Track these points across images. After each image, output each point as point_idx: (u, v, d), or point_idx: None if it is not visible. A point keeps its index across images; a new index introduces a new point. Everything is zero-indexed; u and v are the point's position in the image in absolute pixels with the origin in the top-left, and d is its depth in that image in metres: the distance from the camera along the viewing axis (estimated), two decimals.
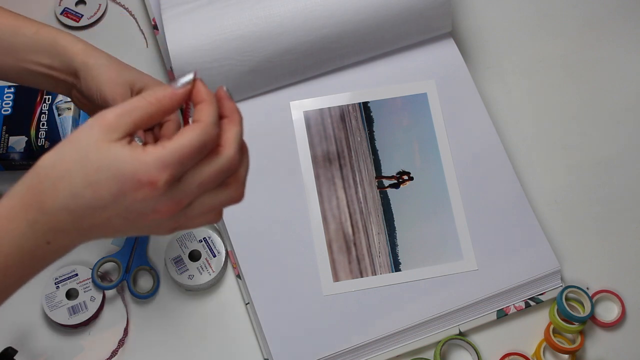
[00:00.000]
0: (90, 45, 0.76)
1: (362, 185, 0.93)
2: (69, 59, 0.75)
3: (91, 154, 0.52)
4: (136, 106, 0.53)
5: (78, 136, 0.53)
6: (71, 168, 0.52)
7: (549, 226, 0.93)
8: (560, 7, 1.08)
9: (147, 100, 0.54)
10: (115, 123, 0.52)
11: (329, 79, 0.97)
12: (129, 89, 0.74)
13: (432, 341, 0.87)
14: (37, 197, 0.53)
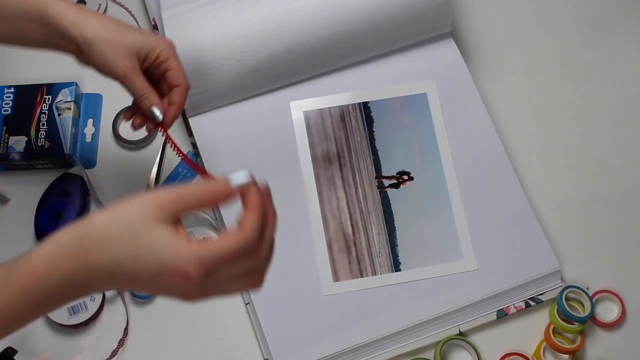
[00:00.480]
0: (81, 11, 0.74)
1: (362, 185, 0.93)
2: (64, 30, 0.74)
3: (140, 230, 0.55)
4: (191, 194, 0.57)
5: (132, 208, 0.56)
6: (120, 237, 0.55)
7: (549, 226, 0.93)
8: (560, 7, 1.08)
9: (202, 190, 0.57)
10: (168, 205, 0.56)
11: (329, 79, 0.97)
12: (136, 59, 0.76)
13: (432, 341, 0.87)
14: (83, 253, 0.56)
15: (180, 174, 0.96)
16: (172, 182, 0.96)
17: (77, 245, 0.56)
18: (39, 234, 0.91)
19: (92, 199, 0.94)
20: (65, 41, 0.75)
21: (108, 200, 0.94)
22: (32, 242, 0.92)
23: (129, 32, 0.76)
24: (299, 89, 0.96)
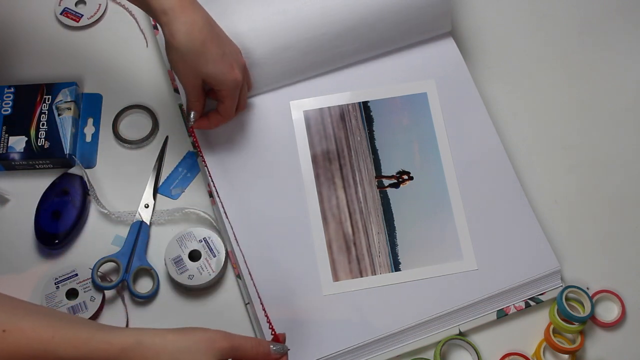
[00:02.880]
0: (181, 11, 0.80)
1: (362, 185, 0.93)
2: (157, 19, 0.82)
3: (199, 357, 0.68)
4: (242, 347, 0.71)
5: (201, 339, 0.69)
6: (184, 354, 0.68)
7: (549, 226, 0.93)
8: (561, 7, 1.08)
9: (250, 345, 0.71)
10: (225, 352, 0.69)
11: (329, 78, 0.97)
12: (201, 80, 0.85)
13: (432, 341, 0.87)
14: (152, 358, 0.67)
15: (180, 173, 0.96)
16: (172, 182, 0.96)
17: (150, 349, 0.67)
18: (39, 234, 0.91)
19: (92, 199, 0.94)
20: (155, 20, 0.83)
21: (108, 200, 0.95)
22: (32, 242, 0.92)
23: (206, 59, 0.83)
24: (299, 89, 0.96)
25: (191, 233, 0.91)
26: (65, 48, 1.03)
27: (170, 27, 0.80)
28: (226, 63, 0.84)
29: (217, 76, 0.84)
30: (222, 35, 0.86)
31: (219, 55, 0.83)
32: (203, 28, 0.81)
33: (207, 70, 0.83)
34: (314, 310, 0.87)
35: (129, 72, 1.02)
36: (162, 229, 0.93)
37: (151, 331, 0.69)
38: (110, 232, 0.93)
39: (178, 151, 0.98)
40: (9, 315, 0.67)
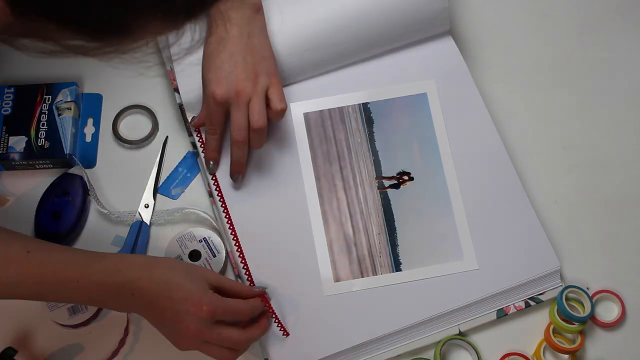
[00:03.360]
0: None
1: (363, 186, 0.93)
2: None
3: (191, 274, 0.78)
4: (227, 281, 0.81)
5: (194, 265, 0.82)
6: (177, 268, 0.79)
7: (549, 226, 0.93)
8: (561, 6, 1.08)
9: (233, 282, 0.83)
10: (215, 281, 0.79)
11: (329, 79, 0.97)
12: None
13: (432, 341, 0.87)
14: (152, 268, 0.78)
15: (180, 173, 0.96)
16: (172, 182, 0.96)
17: (147, 262, 0.79)
18: (39, 234, 0.91)
19: (92, 199, 0.94)
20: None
21: (108, 200, 0.94)
22: None
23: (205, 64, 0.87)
24: (299, 90, 0.96)
25: (191, 233, 0.91)
26: None
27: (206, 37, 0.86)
28: (216, 76, 0.86)
29: (204, 83, 0.87)
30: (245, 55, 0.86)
31: (216, 66, 0.85)
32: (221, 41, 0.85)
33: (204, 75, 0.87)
34: (315, 310, 0.87)
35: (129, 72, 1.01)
36: (162, 229, 0.93)
37: (157, 256, 0.82)
38: (110, 232, 0.93)
39: (178, 151, 0.98)
40: (30, 241, 0.79)
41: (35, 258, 0.76)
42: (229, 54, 0.85)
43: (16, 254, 0.76)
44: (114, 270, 0.76)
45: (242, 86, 0.85)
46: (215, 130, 0.89)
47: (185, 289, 0.76)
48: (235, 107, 0.86)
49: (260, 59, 0.87)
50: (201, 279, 0.78)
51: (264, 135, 0.87)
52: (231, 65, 0.85)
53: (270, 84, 0.87)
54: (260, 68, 0.87)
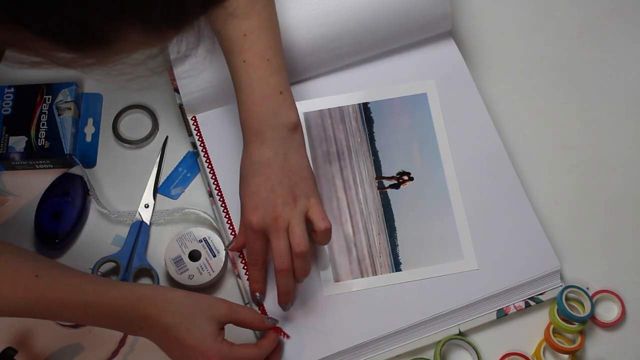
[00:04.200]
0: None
1: (363, 186, 0.93)
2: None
3: (200, 314, 0.77)
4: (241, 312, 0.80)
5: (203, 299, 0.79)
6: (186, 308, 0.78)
7: (549, 226, 0.93)
8: (561, 7, 1.08)
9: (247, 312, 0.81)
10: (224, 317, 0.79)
11: (329, 79, 0.97)
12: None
13: (432, 341, 0.87)
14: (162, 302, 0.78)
15: (180, 173, 0.96)
16: (172, 182, 0.96)
17: (162, 299, 0.77)
18: (39, 234, 0.91)
19: (92, 199, 0.94)
20: None
21: (108, 200, 0.94)
22: (33, 242, 0.92)
23: (242, 186, 0.84)
24: (299, 90, 0.96)
25: (191, 233, 0.91)
26: None
27: (242, 150, 0.84)
28: (252, 202, 0.81)
29: (241, 208, 0.83)
30: (282, 178, 0.82)
31: (252, 192, 0.81)
32: (256, 162, 0.81)
33: (240, 199, 0.83)
34: (315, 310, 0.87)
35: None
36: (162, 229, 0.93)
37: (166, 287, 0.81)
38: (110, 232, 0.93)
39: (178, 151, 0.98)
40: (39, 263, 0.78)
41: (43, 282, 0.76)
42: (265, 178, 0.81)
43: (25, 277, 0.76)
44: (122, 305, 0.76)
45: (279, 212, 0.80)
46: (257, 261, 0.84)
47: (195, 336, 0.76)
48: (274, 234, 0.81)
49: (297, 180, 0.82)
50: (212, 320, 0.77)
51: (309, 261, 0.83)
52: (267, 190, 0.81)
53: (310, 205, 0.82)
54: (298, 190, 0.82)
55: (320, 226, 0.82)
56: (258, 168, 0.81)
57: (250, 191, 0.81)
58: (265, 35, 0.83)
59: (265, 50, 0.83)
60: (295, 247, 0.80)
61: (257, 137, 0.82)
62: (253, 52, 0.82)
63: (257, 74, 0.82)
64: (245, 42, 0.82)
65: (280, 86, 0.83)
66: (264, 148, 0.81)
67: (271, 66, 0.83)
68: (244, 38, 0.82)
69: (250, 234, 0.82)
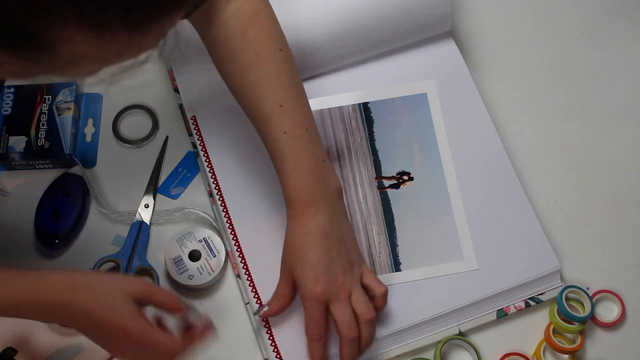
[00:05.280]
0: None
1: (362, 186, 0.93)
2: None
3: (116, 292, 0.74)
4: (159, 292, 0.78)
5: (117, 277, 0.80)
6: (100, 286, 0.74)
7: (549, 226, 0.93)
8: (560, 6, 1.08)
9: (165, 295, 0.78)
10: (139, 294, 0.75)
11: (329, 79, 0.97)
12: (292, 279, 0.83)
13: (432, 341, 0.87)
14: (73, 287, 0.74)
15: (180, 173, 0.96)
16: (172, 182, 0.96)
17: (64, 283, 0.73)
18: (39, 234, 0.91)
19: (92, 199, 0.94)
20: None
21: (108, 200, 0.95)
22: (32, 242, 0.92)
23: (298, 260, 0.81)
24: None
25: (191, 233, 0.91)
26: None
27: (289, 222, 0.82)
28: (313, 272, 0.79)
29: (299, 280, 0.80)
30: (339, 248, 0.81)
31: (313, 263, 0.79)
32: (313, 232, 0.80)
33: (295, 271, 0.81)
34: None
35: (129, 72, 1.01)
36: (162, 229, 0.93)
37: (77, 270, 0.80)
38: (110, 232, 0.93)
39: (178, 151, 0.98)
40: None
41: None
42: (325, 248, 0.80)
43: None
44: (34, 294, 0.72)
45: (342, 281, 0.80)
46: (322, 336, 0.81)
47: (114, 314, 0.73)
48: (339, 303, 0.80)
49: (349, 248, 0.83)
50: (129, 298, 0.74)
51: (375, 328, 0.82)
52: (327, 260, 0.80)
53: (363, 271, 0.83)
54: (353, 258, 0.82)
55: (381, 290, 0.82)
56: (316, 238, 0.80)
57: (310, 262, 0.79)
58: (300, 103, 0.83)
59: (303, 119, 0.82)
60: (365, 315, 0.80)
61: (310, 207, 0.80)
62: (292, 123, 0.81)
63: (300, 144, 0.81)
64: (283, 113, 0.81)
65: (322, 154, 0.83)
66: (319, 218, 0.80)
67: (311, 135, 0.82)
68: (280, 109, 0.81)
69: (314, 306, 0.79)
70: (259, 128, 0.83)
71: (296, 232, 0.81)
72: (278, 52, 0.82)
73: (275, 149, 0.82)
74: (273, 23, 0.83)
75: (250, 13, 0.81)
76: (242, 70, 0.82)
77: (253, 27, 0.81)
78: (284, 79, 0.82)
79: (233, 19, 0.81)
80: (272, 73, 0.81)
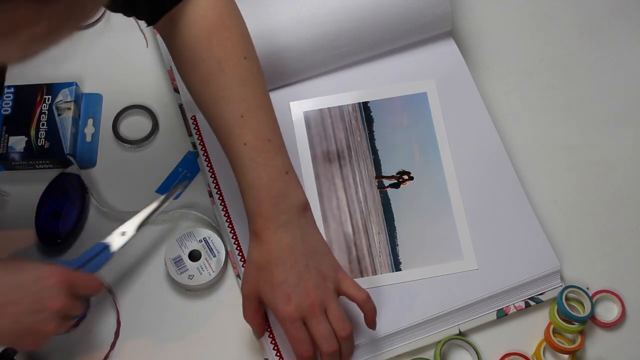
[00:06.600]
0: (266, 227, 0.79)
1: (362, 185, 0.93)
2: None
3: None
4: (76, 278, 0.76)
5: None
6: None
7: (549, 226, 0.93)
8: (560, 7, 1.08)
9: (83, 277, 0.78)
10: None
11: (329, 79, 0.98)
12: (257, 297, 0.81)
13: (432, 341, 0.87)
14: None
15: (180, 173, 0.96)
16: (172, 182, 0.96)
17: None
18: (40, 234, 0.91)
19: (91, 198, 0.94)
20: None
21: (108, 200, 0.94)
22: (33, 242, 0.92)
23: (265, 279, 0.79)
24: (299, 89, 0.97)
25: (191, 233, 0.91)
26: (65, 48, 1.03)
27: (251, 239, 0.79)
28: (282, 292, 0.77)
29: (269, 302, 0.78)
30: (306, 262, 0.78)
31: (280, 281, 0.77)
32: (276, 249, 0.78)
33: (262, 291, 0.79)
34: None
35: (129, 72, 1.02)
36: (162, 228, 0.93)
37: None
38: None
39: (178, 151, 0.98)
40: None
41: None
42: (290, 265, 0.77)
43: None
44: None
45: (314, 297, 0.77)
46: (309, 351, 0.78)
47: (32, 263, 0.74)
48: (313, 319, 0.78)
49: (320, 259, 0.80)
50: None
51: (353, 340, 0.81)
52: (295, 277, 0.77)
53: (339, 280, 0.80)
54: (325, 268, 0.80)
55: (361, 296, 0.80)
56: (279, 256, 0.77)
57: (276, 282, 0.77)
58: (263, 114, 0.80)
59: (265, 130, 0.79)
60: (341, 331, 0.78)
61: (270, 223, 0.78)
62: (254, 134, 0.78)
63: (260, 157, 0.78)
64: (244, 124, 0.78)
65: (285, 166, 0.80)
66: (280, 233, 0.77)
67: (273, 147, 0.79)
68: (242, 119, 0.78)
69: (290, 326, 0.77)
70: (221, 140, 0.81)
71: (258, 250, 0.78)
72: (242, 60, 0.80)
73: (236, 162, 0.79)
74: (239, 30, 0.81)
75: (214, 20, 0.79)
76: (204, 79, 0.79)
77: (217, 35, 0.79)
78: (246, 90, 0.79)
79: (196, 27, 0.79)
80: (234, 83, 0.78)
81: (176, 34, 0.80)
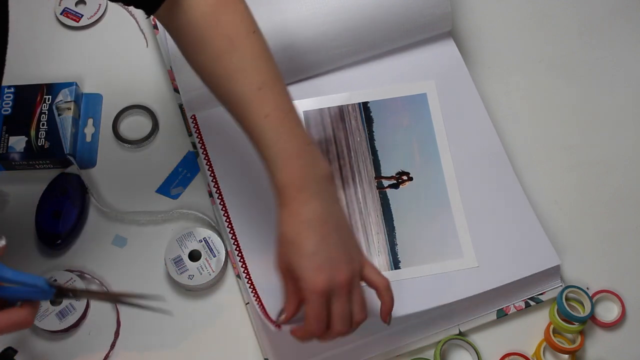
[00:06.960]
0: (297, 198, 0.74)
1: (362, 186, 0.93)
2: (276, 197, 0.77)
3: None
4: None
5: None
6: None
7: (549, 226, 0.93)
8: (560, 7, 1.08)
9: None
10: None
11: (329, 78, 0.98)
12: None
13: (432, 341, 0.87)
14: None
15: (180, 173, 0.96)
16: (172, 182, 0.96)
17: None
18: (40, 235, 0.91)
19: (91, 198, 0.94)
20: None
21: (108, 200, 0.95)
22: (33, 242, 0.92)
23: (295, 250, 0.74)
24: (298, 89, 0.96)
25: (191, 233, 0.91)
26: (65, 48, 1.03)
27: (280, 211, 0.75)
28: (312, 263, 0.73)
29: (298, 274, 0.73)
30: (337, 236, 0.75)
31: (310, 253, 0.73)
32: (307, 220, 0.74)
33: (292, 264, 0.74)
34: None
35: (129, 72, 1.02)
36: (161, 228, 0.93)
37: None
38: (111, 232, 0.93)
39: (178, 151, 0.98)
40: None
41: None
42: (321, 237, 0.73)
43: None
44: None
45: (345, 273, 0.73)
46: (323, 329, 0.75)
47: None
48: (341, 297, 0.73)
49: (347, 236, 0.76)
50: None
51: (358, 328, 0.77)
52: (326, 249, 0.73)
53: (363, 263, 0.77)
54: (351, 247, 0.76)
55: (383, 283, 0.77)
56: (312, 226, 0.73)
57: (308, 253, 0.73)
58: (280, 85, 0.78)
59: (285, 101, 0.77)
60: (357, 315, 0.75)
61: (301, 193, 0.74)
62: (275, 106, 0.76)
63: (284, 127, 0.75)
64: (263, 96, 0.76)
65: (308, 137, 0.77)
66: (310, 204, 0.74)
67: (295, 117, 0.77)
68: (260, 92, 0.76)
69: (317, 300, 0.73)
70: (238, 114, 0.78)
71: (288, 222, 0.74)
72: (252, 34, 0.78)
73: (258, 135, 0.76)
74: (243, 4, 0.79)
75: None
76: (215, 56, 0.77)
77: (224, 11, 0.77)
78: (260, 62, 0.77)
79: (201, 4, 0.77)
80: (247, 56, 0.77)
81: (180, 16, 0.78)
